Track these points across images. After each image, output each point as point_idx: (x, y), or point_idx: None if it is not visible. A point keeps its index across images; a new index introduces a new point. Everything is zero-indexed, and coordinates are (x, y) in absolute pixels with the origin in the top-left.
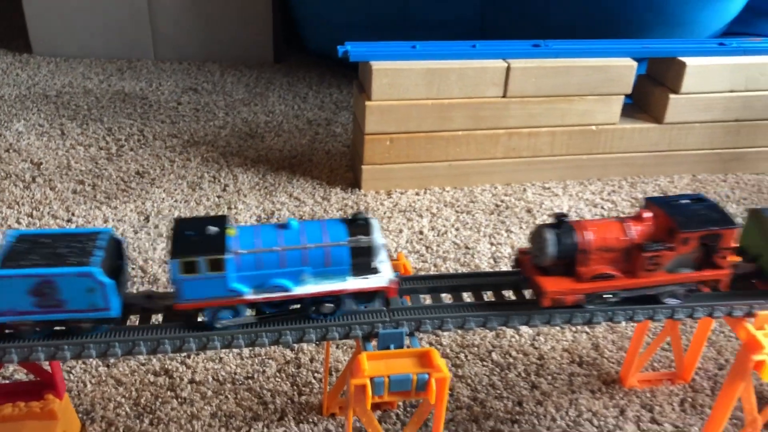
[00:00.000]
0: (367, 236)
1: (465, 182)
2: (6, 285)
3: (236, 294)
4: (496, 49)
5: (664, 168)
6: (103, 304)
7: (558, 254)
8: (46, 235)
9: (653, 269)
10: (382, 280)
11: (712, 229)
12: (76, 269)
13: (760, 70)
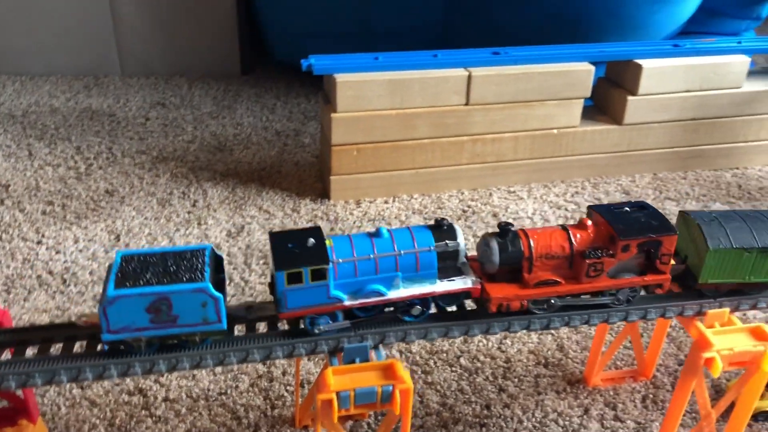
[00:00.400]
0: (454, 240)
1: (433, 189)
2: (125, 304)
3: (336, 301)
4: (457, 58)
5: (625, 168)
6: (214, 317)
7: (503, 262)
8: (152, 254)
9: (595, 275)
10: (467, 282)
11: (650, 236)
12: (192, 285)
13: (714, 69)
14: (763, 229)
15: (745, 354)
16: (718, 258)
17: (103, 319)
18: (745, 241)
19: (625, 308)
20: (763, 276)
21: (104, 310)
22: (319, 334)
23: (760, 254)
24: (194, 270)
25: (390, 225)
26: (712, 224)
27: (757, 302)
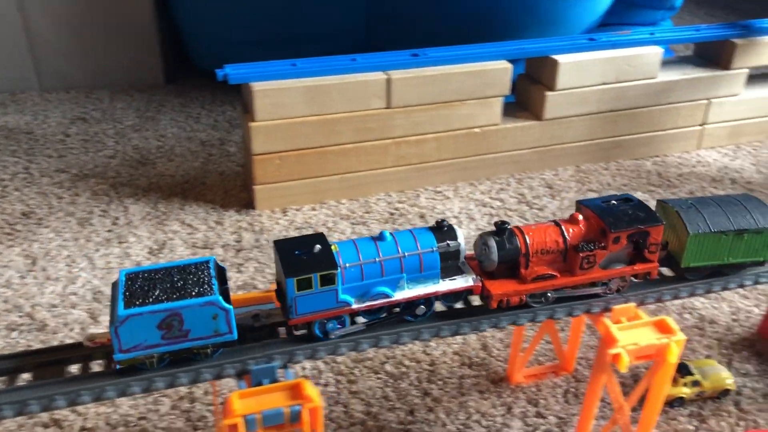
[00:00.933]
0: (455, 241)
1: (360, 193)
2: (136, 322)
3: (345, 305)
4: (376, 62)
5: (549, 162)
6: (225, 329)
7: (501, 259)
8: (156, 271)
9: (589, 267)
10: (469, 280)
11: (639, 228)
12: (202, 299)
13: (629, 61)
14: (737, 212)
15: (651, 347)
16: (698, 242)
17: (115, 339)
18: (722, 224)
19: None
20: (740, 256)
21: (116, 330)
22: (333, 339)
23: (736, 236)
24: (202, 284)
25: (317, 232)
26: (690, 211)
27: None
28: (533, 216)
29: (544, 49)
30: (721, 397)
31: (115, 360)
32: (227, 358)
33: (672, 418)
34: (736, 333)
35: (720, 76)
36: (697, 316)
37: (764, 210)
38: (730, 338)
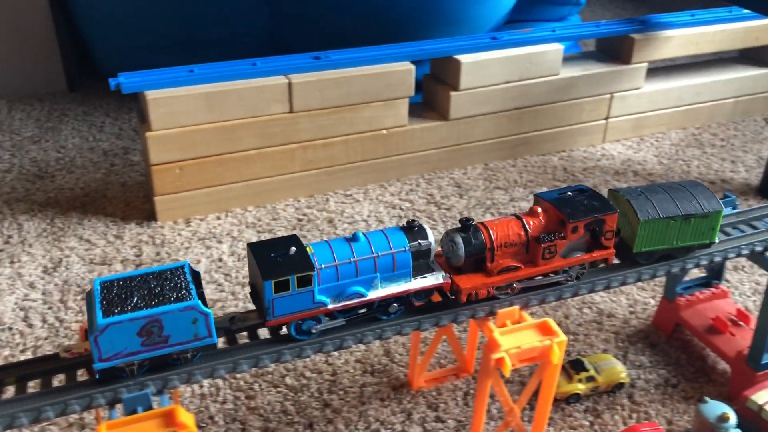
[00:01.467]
0: (425, 240)
1: (267, 200)
2: (116, 330)
3: (321, 305)
4: (277, 66)
5: (457, 161)
6: (205, 332)
7: (468, 254)
8: (132, 278)
9: (550, 257)
10: (438, 278)
11: (596, 216)
12: (182, 304)
13: (530, 59)
14: (683, 198)
15: (533, 350)
16: (648, 228)
17: (95, 348)
18: (670, 210)
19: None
20: (688, 240)
21: (95, 339)
22: (315, 334)
23: (683, 221)
24: (180, 289)
25: (221, 243)
26: (640, 198)
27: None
28: (441, 216)
29: (446, 50)
30: (616, 391)
31: (94, 369)
32: (206, 362)
33: (568, 415)
34: (633, 325)
35: (621, 70)
36: (596, 310)
37: (709, 195)
38: (627, 331)
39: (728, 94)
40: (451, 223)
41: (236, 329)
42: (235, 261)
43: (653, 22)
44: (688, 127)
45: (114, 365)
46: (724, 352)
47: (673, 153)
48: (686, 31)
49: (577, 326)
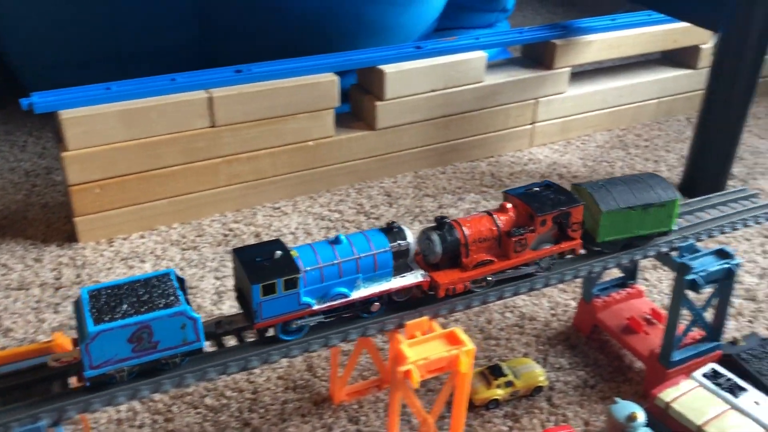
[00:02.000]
0: (405, 240)
1: (193, 216)
2: (107, 338)
3: (306, 306)
4: (197, 80)
5: (387, 170)
6: (194, 338)
7: (444, 251)
8: (119, 286)
9: (521, 250)
10: (417, 276)
11: (562, 209)
12: (172, 310)
13: (454, 67)
14: (642, 189)
15: (441, 360)
16: (610, 218)
17: (86, 356)
18: (630, 201)
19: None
20: (648, 228)
21: (86, 347)
22: (296, 329)
23: (642, 211)
24: (168, 295)
25: (144, 262)
26: (601, 191)
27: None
28: (370, 226)
29: (370, 60)
30: (535, 394)
31: (85, 377)
32: (193, 366)
33: (487, 421)
34: (554, 328)
35: (545, 76)
36: (518, 314)
37: (665, 185)
38: (548, 334)
39: (651, 95)
40: None
41: (222, 333)
42: None
43: (575, 27)
44: (614, 129)
45: (104, 372)
46: (639, 351)
47: (598, 155)
48: (607, 35)
49: (499, 331)
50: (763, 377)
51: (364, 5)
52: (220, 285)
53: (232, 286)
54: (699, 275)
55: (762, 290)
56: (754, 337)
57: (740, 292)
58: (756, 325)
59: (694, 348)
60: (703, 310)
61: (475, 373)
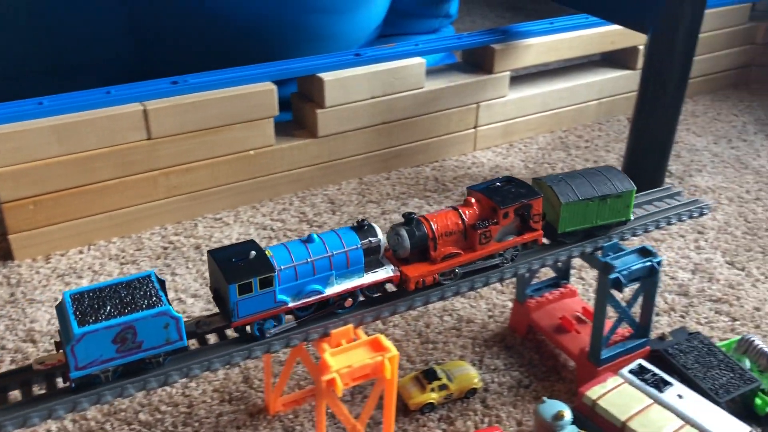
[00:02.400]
0: (375, 237)
1: (132, 230)
2: (92, 339)
3: (282, 304)
4: (132, 93)
5: (331, 177)
6: (176, 337)
7: (413, 246)
8: (101, 289)
9: (486, 242)
10: (388, 271)
11: (523, 202)
12: (155, 310)
13: (393, 74)
14: (599, 181)
15: (366, 367)
16: (569, 210)
17: (71, 358)
18: (588, 192)
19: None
20: (606, 218)
21: (72, 348)
22: (270, 337)
23: (601, 201)
24: (150, 296)
25: (81, 278)
26: (561, 184)
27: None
28: None
29: (309, 68)
30: (469, 397)
31: (71, 378)
32: (175, 364)
33: (422, 425)
34: (491, 329)
35: (485, 80)
36: (456, 317)
37: (621, 177)
38: (485, 335)
39: (591, 96)
40: None
41: (201, 332)
42: None
43: (514, 31)
44: (556, 131)
45: (90, 373)
46: (570, 350)
47: (540, 157)
48: (546, 38)
49: (437, 334)
50: (689, 371)
51: (303, 14)
52: None
53: (170, 297)
54: (622, 274)
55: (694, 285)
56: (682, 331)
57: (673, 288)
58: (688, 320)
59: (623, 345)
60: (629, 307)
61: (410, 378)
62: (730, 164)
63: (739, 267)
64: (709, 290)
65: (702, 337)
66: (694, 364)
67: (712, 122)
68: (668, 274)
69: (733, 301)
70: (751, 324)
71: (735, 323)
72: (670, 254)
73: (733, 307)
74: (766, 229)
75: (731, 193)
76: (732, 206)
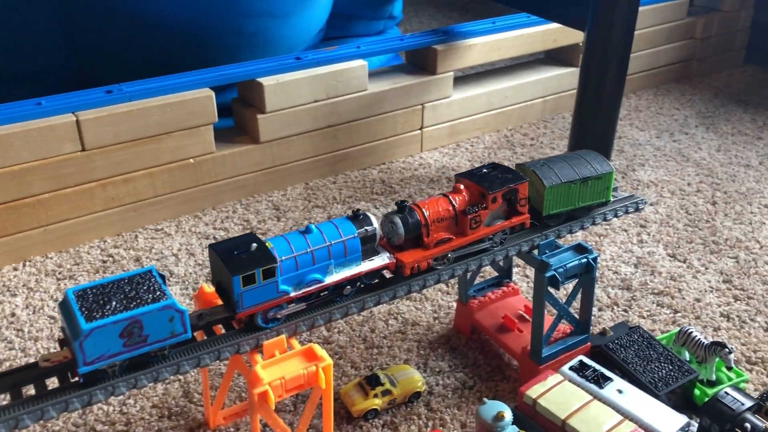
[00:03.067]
0: (371, 226)
1: (69, 243)
2: (100, 334)
3: (284, 294)
4: (65, 103)
5: (276, 183)
6: (181, 329)
7: (407, 233)
8: (104, 285)
9: (476, 227)
10: (384, 259)
11: (510, 186)
12: (160, 304)
13: (335, 77)
14: (580, 164)
15: (299, 378)
16: (553, 193)
17: (79, 353)
18: (570, 175)
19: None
20: (588, 200)
21: (80, 344)
22: (277, 322)
23: (582, 184)
24: (154, 290)
25: (15, 296)
26: (543, 168)
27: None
28: None
29: (248, 73)
30: (414, 400)
31: (79, 374)
32: (182, 356)
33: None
34: (436, 331)
35: (429, 81)
36: (401, 320)
37: (600, 160)
38: (429, 337)
39: (536, 94)
40: None
41: (203, 324)
42: (29, 314)
43: (456, 31)
44: (502, 130)
45: (98, 368)
46: (512, 349)
47: (486, 156)
48: (488, 38)
49: (382, 339)
50: (629, 365)
51: (243, 18)
52: None
53: None
54: (558, 272)
55: (637, 279)
56: (623, 326)
57: (616, 282)
58: (631, 313)
59: (564, 342)
60: (568, 305)
61: (353, 385)
62: (672, 158)
63: (680, 259)
64: (652, 283)
65: (642, 331)
66: (634, 358)
67: (654, 116)
68: (611, 268)
69: (674, 294)
70: (692, 315)
71: (676, 315)
72: (613, 249)
73: (674, 300)
74: (706, 221)
75: (673, 186)
76: (674, 199)
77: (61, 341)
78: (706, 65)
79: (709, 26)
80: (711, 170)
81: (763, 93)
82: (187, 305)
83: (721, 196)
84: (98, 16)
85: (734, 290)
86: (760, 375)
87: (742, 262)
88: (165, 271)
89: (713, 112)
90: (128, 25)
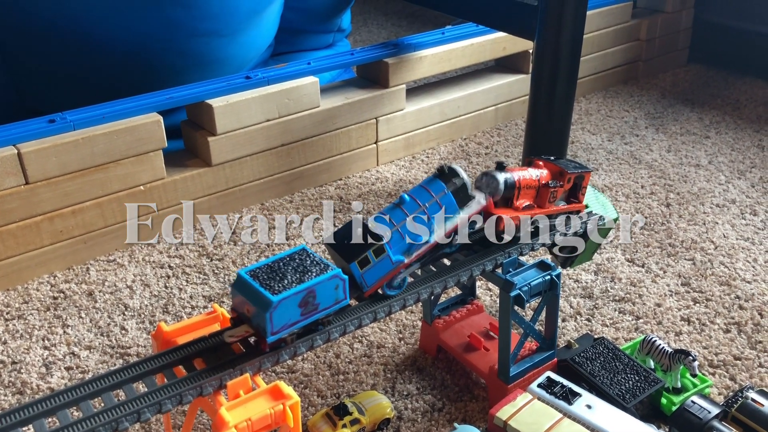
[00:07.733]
0: (458, 177)
1: (17, 281)
2: (285, 305)
3: (399, 263)
4: (5, 135)
5: (231, 205)
6: (342, 296)
7: (505, 189)
8: (270, 265)
9: (553, 201)
10: (481, 200)
11: (581, 171)
12: (329, 274)
13: (286, 95)
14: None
15: (267, 417)
16: None
17: (269, 324)
18: None
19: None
20: None
21: (270, 315)
22: (401, 288)
23: None
24: (317, 263)
25: None
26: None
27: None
28: (212, 269)
29: (196, 95)
30: (383, 428)
31: (268, 343)
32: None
33: None
34: (401, 352)
35: (381, 94)
36: (366, 343)
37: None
38: (396, 360)
39: (488, 102)
40: (223, 274)
41: None
42: None
43: (406, 44)
44: (456, 139)
45: (281, 336)
46: (480, 369)
47: None
48: (438, 49)
49: (347, 364)
50: (596, 378)
51: (188, 38)
52: (49, 355)
53: (61, 355)
54: (522, 290)
55: (598, 286)
56: (588, 337)
57: (578, 291)
58: (594, 322)
59: (531, 360)
60: (534, 322)
61: (320, 415)
62: (624, 160)
63: (639, 264)
64: (612, 290)
65: (607, 342)
66: (601, 371)
67: (605, 119)
68: (572, 277)
69: (635, 299)
70: (654, 321)
71: (638, 321)
72: None
73: (636, 306)
74: (662, 224)
75: (627, 190)
76: (629, 203)
77: (233, 319)
78: (652, 66)
79: (653, 27)
80: (663, 171)
81: (707, 92)
82: (144, 340)
83: (674, 198)
84: (35, 39)
85: (693, 293)
86: (722, 378)
87: (699, 263)
88: (120, 305)
89: (661, 112)
90: (68, 49)
